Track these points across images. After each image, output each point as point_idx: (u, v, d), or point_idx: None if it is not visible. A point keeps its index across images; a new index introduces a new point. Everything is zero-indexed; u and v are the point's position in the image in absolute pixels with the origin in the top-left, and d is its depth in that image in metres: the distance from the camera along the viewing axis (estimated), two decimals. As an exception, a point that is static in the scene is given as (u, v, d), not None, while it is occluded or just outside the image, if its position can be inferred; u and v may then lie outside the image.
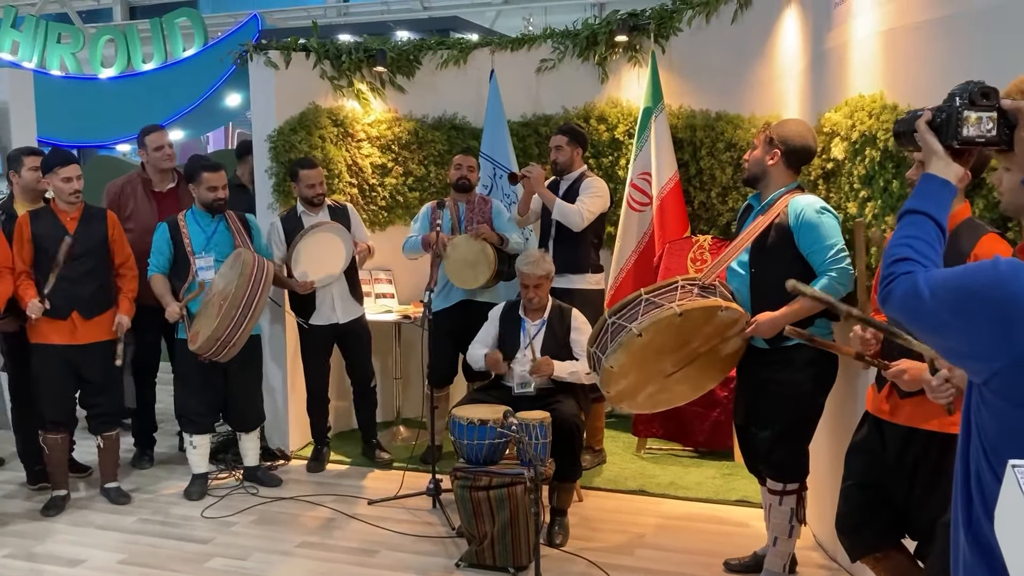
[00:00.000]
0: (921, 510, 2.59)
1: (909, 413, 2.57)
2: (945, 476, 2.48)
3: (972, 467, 1.40)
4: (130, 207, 4.94)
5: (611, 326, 3.33)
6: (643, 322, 3.19)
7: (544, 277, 4.20)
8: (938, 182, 1.58)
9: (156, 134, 5.02)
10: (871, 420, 2.74)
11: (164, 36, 11.05)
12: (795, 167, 3.34)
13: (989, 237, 2.39)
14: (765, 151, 3.33)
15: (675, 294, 3.26)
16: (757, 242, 3.30)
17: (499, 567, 3.69)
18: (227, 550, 3.97)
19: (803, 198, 3.24)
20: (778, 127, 3.36)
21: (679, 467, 4.93)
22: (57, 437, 4.41)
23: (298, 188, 4.86)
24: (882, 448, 2.68)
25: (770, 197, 3.32)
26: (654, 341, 3.23)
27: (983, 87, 1.57)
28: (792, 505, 3.34)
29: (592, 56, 5.60)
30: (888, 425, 2.65)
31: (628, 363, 3.27)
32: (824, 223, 3.15)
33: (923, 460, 2.56)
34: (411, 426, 5.63)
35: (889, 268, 1.52)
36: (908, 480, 2.60)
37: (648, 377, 3.38)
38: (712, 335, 3.30)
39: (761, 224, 3.29)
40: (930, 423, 2.50)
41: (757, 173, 3.36)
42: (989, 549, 1.31)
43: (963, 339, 1.38)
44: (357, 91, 5.58)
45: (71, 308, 4.29)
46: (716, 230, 5.25)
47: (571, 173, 4.86)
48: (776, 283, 3.21)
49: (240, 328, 4.25)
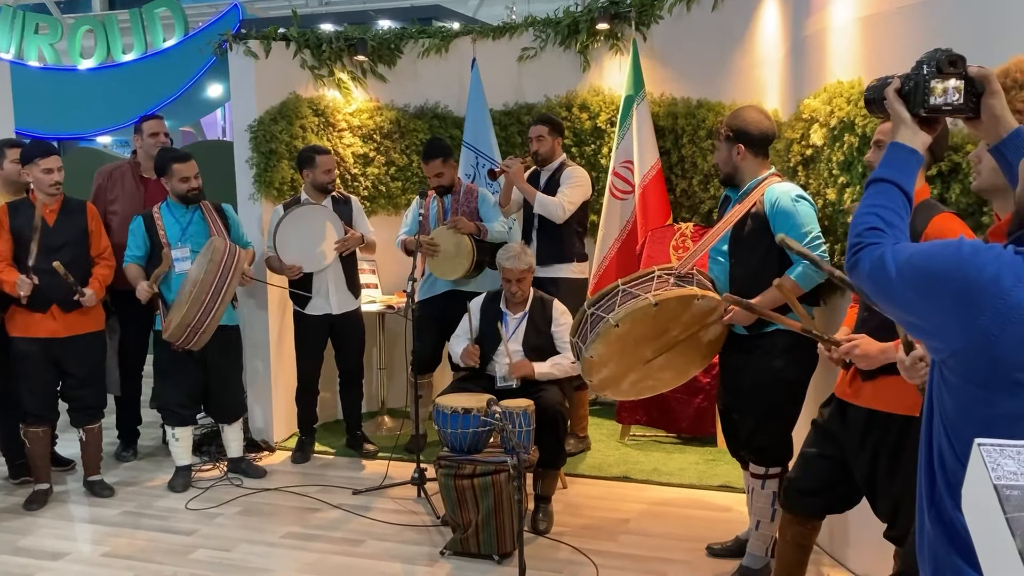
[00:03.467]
0: (885, 493, 2.64)
1: (870, 395, 2.62)
2: (906, 459, 2.54)
3: (935, 445, 1.42)
4: (116, 191, 4.93)
5: (590, 317, 3.36)
6: (620, 312, 3.22)
7: (526, 271, 4.20)
8: (906, 151, 1.58)
9: (154, 121, 5.05)
10: (836, 401, 2.79)
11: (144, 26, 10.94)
12: (763, 153, 3.36)
13: (941, 217, 2.42)
14: (729, 148, 3.34)
15: (651, 284, 3.28)
16: (735, 230, 3.33)
17: (484, 554, 3.70)
18: (211, 542, 3.96)
19: (779, 186, 3.26)
20: (732, 120, 3.36)
21: (662, 453, 4.96)
22: (38, 430, 4.38)
23: (312, 174, 4.83)
24: (844, 431, 2.73)
25: (747, 186, 3.34)
26: (632, 331, 3.26)
27: (950, 55, 1.55)
28: (774, 489, 3.36)
29: (574, 44, 5.59)
30: (851, 407, 2.70)
31: (607, 353, 3.30)
32: (800, 211, 3.16)
33: (884, 444, 2.61)
34: (396, 416, 5.64)
35: (856, 237, 1.52)
36: (870, 463, 2.65)
37: (629, 365, 3.41)
38: (691, 323, 3.32)
39: (738, 212, 3.32)
40: (889, 405, 2.55)
41: (731, 172, 3.39)
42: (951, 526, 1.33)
43: (925, 317, 1.39)
44: (338, 80, 5.55)
45: (51, 300, 4.26)
46: (698, 217, 5.27)
47: (551, 163, 4.87)
48: (754, 270, 3.26)
49: (210, 314, 4.25)
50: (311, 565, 3.72)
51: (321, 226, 4.78)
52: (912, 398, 2.45)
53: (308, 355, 5.00)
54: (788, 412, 3.38)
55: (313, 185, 4.84)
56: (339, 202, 4.95)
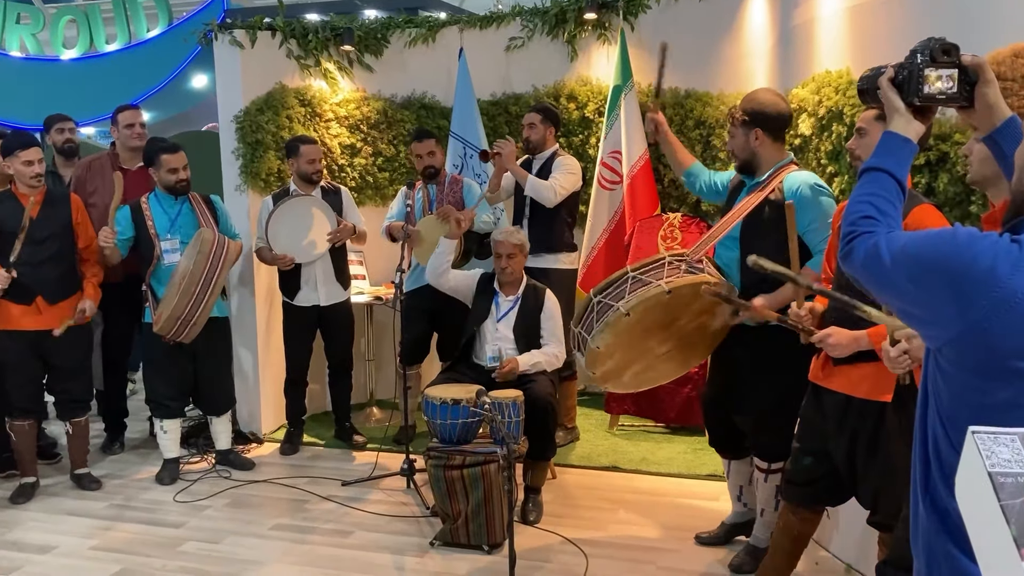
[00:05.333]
0: (865, 480, 2.66)
1: (843, 381, 2.64)
2: (884, 445, 2.57)
3: (929, 434, 1.41)
4: (95, 183, 4.88)
5: (597, 305, 3.23)
6: (631, 300, 3.11)
7: (517, 247, 4.19)
8: (899, 139, 1.57)
9: (129, 112, 4.98)
10: (811, 388, 2.80)
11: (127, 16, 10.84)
12: (780, 137, 3.24)
13: (921, 208, 2.43)
14: (746, 133, 3.21)
15: (662, 271, 3.17)
16: (750, 218, 3.20)
17: (473, 545, 3.70)
18: (200, 534, 3.95)
19: (798, 174, 3.16)
20: (747, 103, 3.23)
21: (651, 443, 4.98)
22: (24, 424, 4.35)
23: (297, 164, 4.80)
24: (821, 418, 2.75)
25: (766, 173, 3.22)
26: (642, 320, 3.16)
27: (944, 44, 1.54)
28: (777, 483, 3.35)
29: (561, 34, 5.57)
30: (826, 393, 2.71)
31: (615, 343, 3.20)
32: (822, 203, 3.07)
33: (861, 431, 2.63)
34: (384, 407, 5.63)
35: (850, 226, 1.51)
36: (848, 450, 2.67)
37: (634, 356, 3.33)
38: (700, 312, 3.23)
39: (754, 200, 3.20)
40: (865, 392, 2.57)
41: (747, 158, 3.25)
42: (946, 513, 1.34)
43: (920, 305, 1.39)
44: (324, 70, 5.52)
45: (35, 293, 4.22)
46: (686, 208, 5.27)
47: (543, 152, 4.85)
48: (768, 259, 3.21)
49: (200, 306, 4.23)
50: (300, 557, 3.71)
51: (314, 217, 4.75)
52: (887, 384, 2.48)
53: (297, 347, 4.98)
54: (790, 407, 3.31)
55: (298, 175, 4.82)
56: (329, 193, 4.92)
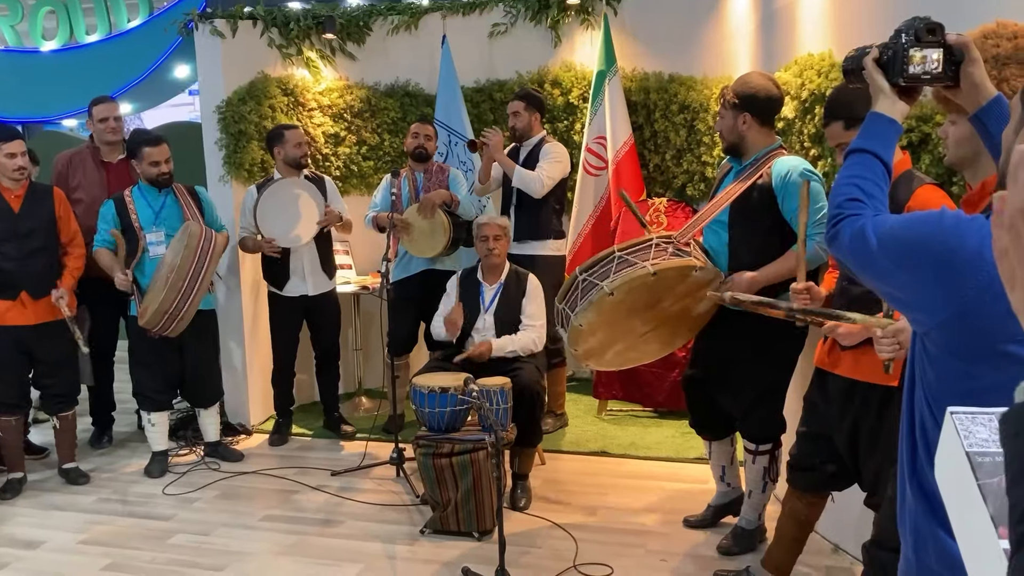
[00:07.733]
0: (866, 463, 2.68)
1: (849, 365, 2.64)
2: (887, 429, 2.57)
3: (916, 417, 1.41)
4: (78, 178, 4.83)
5: (582, 283, 3.22)
6: (615, 280, 3.10)
7: (501, 229, 4.20)
8: (884, 121, 1.56)
9: (103, 105, 4.91)
10: (816, 373, 2.81)
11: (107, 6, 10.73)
12: (769, 122, 3.22)
13: (924, 188, 2.42)
14: (734, 116, 3.19)
15: (649, 252, 3.16)
16: (738, 202, 3.20)
17: (464, 532, 3.72)
18: (190, 526, 3.95)
19: (788, 160, 3.15)
20: (738, 87, 3.21)
21: (639, 428, 5.00)
22: (10, 419, 4.32)
23: (283, 151, 4.77)
24: (825, 402, 2.75)
25: (752, 157, 3.22)
26: (626, 300, 3.16)
27: (929, 23, 1.52)
28: (765, 464, 3.39)
29: (544, 20, 5.55)
30: (831, 377, 2.72)
31: (598, 321, 3.21)
32: (811, 188, 3.03)
33: (864, 414, 2.63)
34: (373, 397, 5.63)
35: (837, 208, 1.50)
36: (851, 432, 2.68)
37: (617, 335, 3.34)
38: (685, 294, 3.24)
39: (742, 185, 3.19)
40: (869, 375, 2.57)
41: (735, 141, 3.23)
42: (933, 496, 1.33)
43: (906, 289, 1.38)
44: (307, 59, 5.48)
45: (19, 288, 4.19)
46: (671, 192, 5.28)
47: (530, 139, 4.83)
48: (755, 244, 3.20)
49: (187, 300, 4.20)
50: (291, 547, 3.72)
51: (300, 199, 4.71)
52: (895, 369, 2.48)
53: (284, 337, 4.97)
54: (778, 391, 3.35)
55: (285, 162, 4.78)
56: (312, 181, 4.89)
